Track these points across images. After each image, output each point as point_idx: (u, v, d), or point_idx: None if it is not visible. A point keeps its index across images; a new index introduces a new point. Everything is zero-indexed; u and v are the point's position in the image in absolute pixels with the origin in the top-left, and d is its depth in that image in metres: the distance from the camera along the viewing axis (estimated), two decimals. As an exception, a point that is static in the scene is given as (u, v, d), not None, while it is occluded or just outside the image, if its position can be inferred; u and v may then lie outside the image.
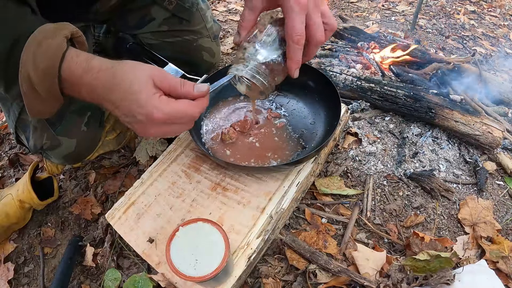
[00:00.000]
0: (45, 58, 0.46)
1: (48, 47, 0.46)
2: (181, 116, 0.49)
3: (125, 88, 0.47)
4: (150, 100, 0.47)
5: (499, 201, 0.89)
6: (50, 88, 0.49)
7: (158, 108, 0.47)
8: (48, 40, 0.47)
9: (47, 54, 0.46)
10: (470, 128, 0.93)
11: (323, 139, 0.78)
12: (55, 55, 0.46)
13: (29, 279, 0.86)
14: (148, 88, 0.47)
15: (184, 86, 0.50)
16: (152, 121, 0.47)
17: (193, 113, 0.50)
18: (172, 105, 0.48)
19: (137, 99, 0.46)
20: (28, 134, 0.81)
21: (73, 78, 0.48)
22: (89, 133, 0.87)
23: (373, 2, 2.03)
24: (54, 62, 0.46)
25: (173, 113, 0.48)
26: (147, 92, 0.47)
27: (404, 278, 0.69)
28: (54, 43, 0.47)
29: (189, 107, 0.50)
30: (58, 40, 0.47)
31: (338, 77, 1.11)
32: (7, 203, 0.89)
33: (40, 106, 0.52)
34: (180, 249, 0.53)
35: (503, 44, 1.69)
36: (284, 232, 0.79)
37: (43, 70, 0.46)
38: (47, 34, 0.48)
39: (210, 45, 1.13)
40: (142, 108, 0.47)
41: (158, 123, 0.48)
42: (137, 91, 0.47)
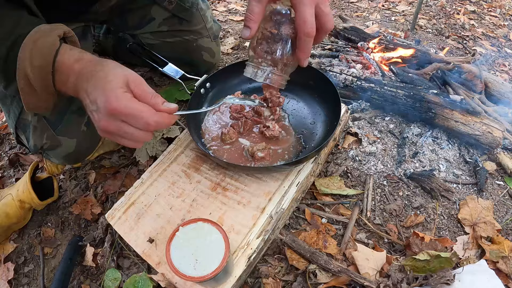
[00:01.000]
0: (40, 55, 0.50)
1: (43, 45, 0.51)
2: (136, 116, 0.49)
3: (101, 76, 0.50)
4: (115, 90, 0.48)
5: (499, 201, 0.89)
6: (45, 83, 0.52)
7: (118, 99, 0.48)
8: (43, 39, 0.51)
9: (42, 51, 0.50)
10: (470, 128, 0.93)
11: (323, 139, 0.78)
12: (49, 52, 0.51)
13: (29, 279, 0.86)
14: (119, 83, 0.49)
15: (154, 97, 0.52)
16: (109, 110, 0.48)
17: (149, 119, 0.50)
18: (132, 102, 0.49)
19: (105, 87, 0.49)
20: (28, 134, 0.81)
21: (64, 68, 0.52)
22: (89, 133, 0.87)
23: (373, 2, 2.03)
24: (49, 58, 0.51)
25: (130, 110, 0.49)
26: (117, 85, 0.49)
27: (404, 278, 0.69)
28: (49, 42, 0.51)
29: (147, 112, 0.50)
30: (52, 38, 0.51)
31: (338, 77, 1.11)
32: (7, 203, 0.89)
33: (36, 101, 0.55)
34: (180, 249, 0.53)
35: (503, 44, 1.69)
36: (284, 232, 0.79)
37: (39, 66, 0.51)
38: (42, 33, 0.51)
39: (210, 45, 1.13)
40: (105, 95, 0.48)
41: (112, 115, 0.49)
42: (109, 81, 0.49)
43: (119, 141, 0.53)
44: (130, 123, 0.50)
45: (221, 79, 0.92)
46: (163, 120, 0.52)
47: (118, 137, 0.53)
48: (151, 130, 0.52)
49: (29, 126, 0.79)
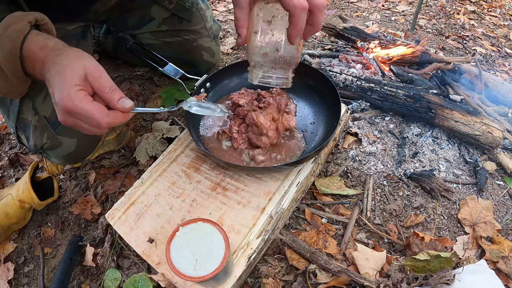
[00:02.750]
0: (9, 40, 0.52)
1: (13, 31, 0.52)
2: (87, 116, 0.50)
3: (59, 70, 0.50)
4: (68, 88, 0.49)
5: (499, 201, 0.89)
6: (14, 68, 0.54)
7: (71, 99, 0.49)
8: (14, 25, 0.53)
9: (11, 37, 0.52)
10: (470, 128, 0.93)
11: (323, 139, 0.78)
12: (17, 37, 0.52)
13: (29, 279, 0.86)
14: (74, 79, 0.50)
15: (111, 92, 0.52)
16: (62, 107, 0.50)
17: (99, 120, 0.51)
18: (83, 103, 0.50)
19: (61, 83, 0.49)
20: (28, 134, 0.81)
21: (30, 54, 0.53)
22: (89, 133, 0.87)
23: (373, 2, 2.03)
24: (16, 44, 0.52)
25: (80, 110, 0.50)
26: (71, 82, 0.49)
27: (404, 278, 0.69)
28: (18, 27, 0.53)
29: (97, 113, 0.50)
30: (22, 24, 0.53)
31: (338, 77, 1.11)
32: (7, 203, 0.89)
33: (8, 86, 0.57)
34: (180, 249, 0.53)
35: (503, 44, 1.69)
36: (284, 232, 0.79)
37: (7, 51, 0.52)
38: (14, 19, 0.53)
39: (210, 44, 1.13)
40: (60, 92, 0.49)
41: (66, 112, 0.50)
42: (64, 76, 0.50)
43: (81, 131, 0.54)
44: (83, 120, 0.51)
45: (221, 79, 0.92)
46: (114, 120, 0.52)
47: (77, 129, 0.54)
48: (104, 129, 0.53)
49: (29, 126, 0.79)
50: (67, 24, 0.87)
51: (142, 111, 0.58)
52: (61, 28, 0.79)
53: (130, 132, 1.08)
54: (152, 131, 1.05)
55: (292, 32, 0.51)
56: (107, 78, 0.52)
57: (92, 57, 0.54)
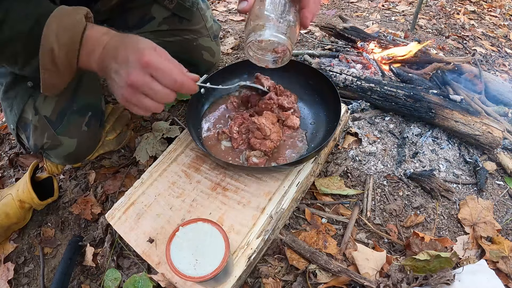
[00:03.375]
0: (68, 32, 0.53)
1: (70, 22, 0.53)
2: (166, 72, 0.52)
3: (132, 40, 0.54)
4: (148, 48, 0.52)
5: (499, 201, 0.89)
6: (69, 58, 0.55)
7: (151, 54, 0.51)
8: (69, 16, 0.54)
9: (70, 28, 0.53)
10: (470, 128, 0.93)
11: (323, 139, 0.78)
12: (77, 29, 0.53)
13: (29, 279, 0.86)
14: (150, 46, 0.53)
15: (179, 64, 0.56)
16: (142, 63, 0.50)
17: (177, 77, 0.53)
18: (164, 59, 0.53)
19: (138, 45, 0.52)
20: (28, 134, 0.81)
21: (92, 40, 0.55)
22: (90, 133, 0.87)
23: (373, 2, 2.03)
24: (77, 35, 0.53)
25: (162, 65, 0.52)
26: (149, 45, 0.53)
27: (404, 278, 0.69)
28: (76, 19, 0.54)
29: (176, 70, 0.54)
30: (79, 16, 0.54)
31: (338, 77, 1.11)
32: (7, 203, 0.88)
33: (55, 79, 0.57)
34: (180, 249, 0.53)
35: (503, 44, 1.69)
36: (284, 232, 0.79)
37: (66, 42, 0.53)
38: (67, 12, 0.55)
39: (210, 44, 1.13)
40: (139, 51, 0.51)
41: (144, 68, 0.51)
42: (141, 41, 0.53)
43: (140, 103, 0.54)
44: (158, 78, 0.52)
45: (222, 79, 0.92)
46: (188, 82, 0.55)
47: (141, 97, 0.54)
48: (176, 89, 0.55)
49: (30, 126, 0.79)
50: None
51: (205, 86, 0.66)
52: None
53: (130, 132, 1.08)
54: (152, 131, 1.05)
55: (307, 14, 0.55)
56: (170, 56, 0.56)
57: None
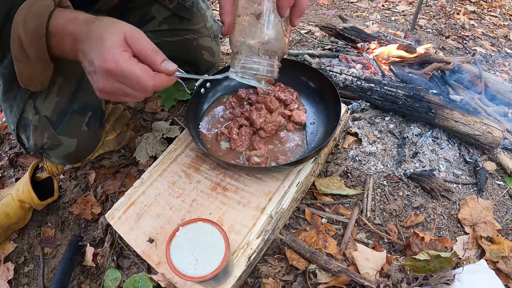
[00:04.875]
0: (34, 17, 0.49)
1: (37, 9, 0.50)
2: (133, 79, 0.48)
3: (96, 36, 0.48)
4: (111, 49, 0.46)
5: (499, 201, 0.89)
6: (39, 48, 0.51)
7: (115, 59, 0.46)
8: (38, 3, 0.50)
9: (36, 14, 0.50)
10: (470, 128, 0.93)
11: (323, 139, 0.78)
12: (43, 13, 0.50)
13: (29, 279, 0.86)
14: (115, 40, 0.47)
15: (154, 52, 0.49)
16: (105, 70, 0.47)
17: (146, 83, 0.48)
18: (130, 64, 0.47)
19: (101, 47, 0.47)
20: (28, 134, 0.81)
21: (58, 28, 0.51)
22: (90, 133, 0.87)
23: (373, 2, 2.03)
24: (42, 20, 0.49)
25: (126, 71, 0.47)
26: (113, 43, 0.47)
27: (404, 278, 0.69)
28: (43, 4, 0.50)
29: (144, 75, 0.48)
30: (47, 1, 0.51)
31: (338, 77, 1.11)
32: (7, 203, 0.88)
33: (31, 72, 0.54)
34: (180, 249, 0.53)
35: (503, 44, 1.69)
36: (284, 232, 0.79)
37: (32, 29, 0.50)
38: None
39: (210, 44, 1.13)
40: (102, 54, 0.46)
41: (109, 75, 0.47)
42: (104, 39, 0.47)
43: (119, 100, 0.52)
44: (127, 84, 0.49)
45: (221, 79, 0.92)
46: (160, 83, 0.50)
47: (118, 97, 0.51)
48: (149, 93, 0.51)
49: (30, 126, 0.79)
50: None
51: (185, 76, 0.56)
52: None
53: (130, 132, 1.08)
54: (152, 131, 1.05)
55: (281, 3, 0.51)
56: (147, 40, 0.50)
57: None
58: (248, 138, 0.79)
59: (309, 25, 1.70)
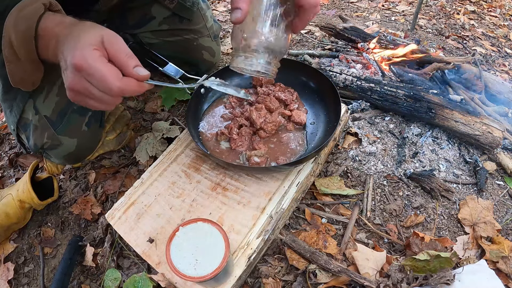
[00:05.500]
0: (24, 20, 0.52)
1: (27, 12, 0.52)
2: (99, 78, 0.47)
3: (74, 36, 0.49)
4: (83, 48, 0.47)
5: (499, 201, 0.89)
6: (28, 49, 0.53)
7: (84, 56, 0.46)
8: (28, 6, 0.52)
9: (26, 17, 0.52)
10: (470, 128, 0.93)
11: (323, 139, 0.78)
12: (33, 17, 0.52)
13: (29, 279, 0.86)
14: (89, 40, 0.47)
15: (127, 57, 0.49)
16: (74, 65, 0.47)
17: (112, 83, 0.47)
18: (98, 63, 0.47)
19: (75, 45, 0.48)
20: (28, 133, 0.81)
21: (46, 32, 0.53)
22: (90, 133, 0.87)
23: (373, 2, 2.03)
24: (32, 23, 0.51)
25: (93, 70, 0.46)
26: (86, 42, 0.47)
27: (404, 278, 0.69)
28: (33, 8, 0.52)
29: (110, 75, 0.47)
30: (37, 5, 0.52)
31: (338, 77, 1.11)
32: (7, 203, 0.88)
33: (21, 72, 0.56)
34: (180, 249, 0.53)
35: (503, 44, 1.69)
36: (284, 232, 0.79)
37: (22, 31, 0.52)
38: (28, 2, 0.53)
39: (210, 44, 1.13)
40: (73, 52, 0.47)
41: (77, 71, 0.47)
42: (80, 39, 0.48)
43: (88, 104, 0.51)
44: (93, 84, 0.48)
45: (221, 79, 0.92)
46: (128, 87, 0.49)
47: (86, 99, 0.51)
48: (115, 96, 0.50)
49: (30, 126, 0.79)
50: None
51: (157, 84, 0.54)
52: None
53: (130, 132, 1.08)
54: (152, 131, 1.05)
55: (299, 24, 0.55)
56: (124, 45, 0.50)
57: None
58: (248, 138, 0.79)
59: (309, 25, 1.70)
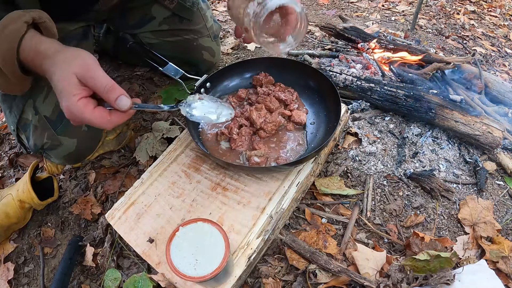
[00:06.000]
0: (6, 41, 0.52)
1: (9, 32, 0.52)
2: (92, 124, 0.51)
3: (54, 81, 0.51)
4: (68, 99, 0.49)
5: (499, 201, 0.89)
6: (12, 69, 0.54)
7: (70, 111, 0.50)
8: (11, 25, 0.53)
9: (8, 38, 0.52)
10: (470, 128, 0.93)
11: (323, 139, 0.78)
12: (14, 39, 0.52)
13: (29, 279, 0.86)
14: (69, 88, 0.49)
15: (108, 92, 0.50)
16: (67, 115, 0.51)
17: (104, 126, 0.52)
18: (84, 114, 0.50)
19: (60, 95, 0.51)
20: (28, 134, 0.81)
21: (28, 59, 0.54)
22: (90, 133, 0.87)
23: (373, 2, 2.03)
24: (13, 45, 0.53)
25: (85, 120, 0.50)
26: (68, 92, 0.49)
27: (404, 278, 0.69)
28: (15, 28, 0.52)
29: (99, 121, 0.51)
30: (18, 25, 0.53)
31: (338, 77, 1.11)
32: (7, 203, 0.88)
33: (7, 84, 0.57)
34: (180, 249, 0.53)
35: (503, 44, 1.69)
36: (284, 232, 0.79)
37: (4, 52, 0.53)
38: (11, 20, 0.53)
39: (210, 44, 1.13)
40: (61, 102, 0.50)
41: (71, 119, 0.52)
42: (61, 89, 0.50)
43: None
44: (90, 124, 0.52)
45: (221, 79, 0.92)
46: (117, 121, 0.52)
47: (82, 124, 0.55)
48: (109, 128, 0.54)
49: (30, 126, 0.79)
50: (69, 24, 0.87)
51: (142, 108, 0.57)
52: (63, 28, 0.78)
53: (130, 132, 1.08)
54: (152, 131, 1.05)
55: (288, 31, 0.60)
56: (100, 77, 0.50)
57: (84, 52, 0.52)
58: (248, 138, 0.79)
59: (309, 25, 1.70)
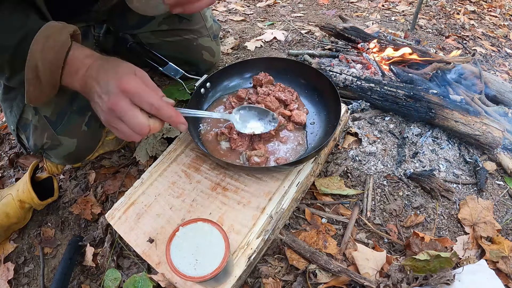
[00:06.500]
0: (53, 51, 0.55)
1: (55, 42, 0.56)
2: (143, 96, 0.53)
3: (112, 65, 0.56)
4: (127, 73, 0.54)
5: (499, 201, 0.89)
6: (52, 76, 0.57)
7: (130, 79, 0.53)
8: (55, 35, 0.56)
9: (55, 48, 0.55)
10: (470, 128, 0.93)
11: (323, 139, 0.78)
12: (62, 48, 0.56)
13: (29, 279, 0.86)
14: (130, 68, 0.56)
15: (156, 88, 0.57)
16: (120, 89, 0.52)
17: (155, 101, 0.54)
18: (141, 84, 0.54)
19: (117, 70, 0.54)
20: (28, 134, 0.81)
21: (76, 61, 0.57)
22: (90, 133, 0.87)
23: (373, 2, 2.03)
24: (61, 55, 0.56)
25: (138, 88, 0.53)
26: (128, 70, 0.55)
27: (404, 278, 0.69)
28: (61, 39, 0.56)
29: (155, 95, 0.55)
30: (64, 37, 0.57)
31: (338, 77, 1.11)
32: (7, 203, 0.88)
33: (39, 93, 0.60)
34: (180, 249, 0.53)
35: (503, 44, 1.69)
36: (284, 232, 0.79)
37: (51, 60, 0.56)
38: (54, 30, 0.57)
39: (210, 44, 1.13)
40: (118, 76, 0.53)
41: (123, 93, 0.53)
42: (121, 66, 0.55)
43: (119, 128, 0.55)
44: (135, 102, 0.53)
45: (221, 79, 0.92)
46: (165, 107, 0.55)
47: (119, 123, 0.55)
48: (153, 112, 0.55)
49: (30, 126, 0.79)
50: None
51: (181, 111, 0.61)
52: None
53: (130, 132, 1.08)
54: (152, 131, 1.05)
55: None
56: (150, 80, 0.57)
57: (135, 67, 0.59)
58: (248, 138, 0.79)
59: (309, 25, 1.70)
